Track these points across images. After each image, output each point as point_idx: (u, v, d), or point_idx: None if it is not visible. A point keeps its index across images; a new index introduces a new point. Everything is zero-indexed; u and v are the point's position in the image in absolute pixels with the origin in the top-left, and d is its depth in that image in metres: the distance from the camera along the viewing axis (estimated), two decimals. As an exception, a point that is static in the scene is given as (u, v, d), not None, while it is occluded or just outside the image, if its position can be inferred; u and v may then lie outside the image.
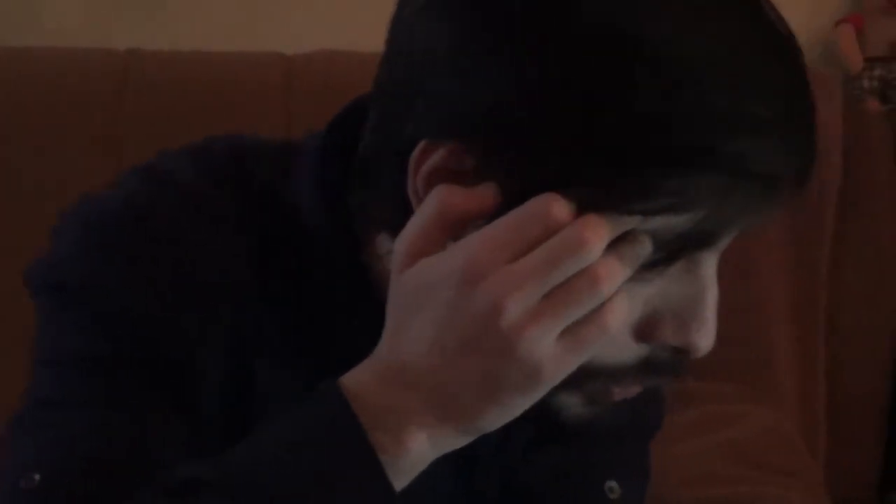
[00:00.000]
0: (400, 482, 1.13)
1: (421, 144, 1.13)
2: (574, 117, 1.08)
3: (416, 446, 1.13)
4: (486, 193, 1.11)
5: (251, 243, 1.26)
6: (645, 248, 1.10)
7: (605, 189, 1.08)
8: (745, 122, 1.08)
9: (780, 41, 1.12)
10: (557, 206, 1.07)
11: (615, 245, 1.10)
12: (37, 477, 1.17)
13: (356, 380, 1.14)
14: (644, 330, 1.16)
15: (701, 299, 1.15)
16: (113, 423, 1.21)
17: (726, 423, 2.06)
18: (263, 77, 2.27)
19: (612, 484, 1.39)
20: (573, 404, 1.19)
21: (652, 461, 1.47)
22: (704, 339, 1.15)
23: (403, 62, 1.19)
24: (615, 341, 1.15)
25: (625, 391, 1.21)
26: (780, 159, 1.09)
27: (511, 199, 1.11)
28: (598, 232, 1.06)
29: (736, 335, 2.11)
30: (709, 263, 1.15)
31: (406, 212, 1.16)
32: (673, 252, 1.11)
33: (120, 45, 2.39)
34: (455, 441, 1.13)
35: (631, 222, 1.09)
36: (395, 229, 1.17)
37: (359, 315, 1.25)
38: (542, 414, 1.18)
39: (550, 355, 1.08)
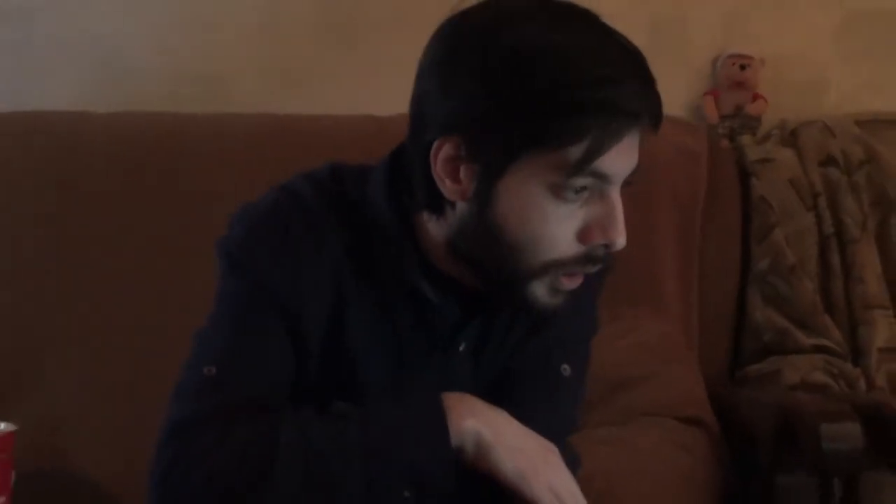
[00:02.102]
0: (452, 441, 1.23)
1: (436, 143, 1.23)
2: (505, 103, 1.19)
3: (467, 426, 1.23)
4: None
5: (343, 236, 1.31)
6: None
7: (535, 141, 1.19)
8: (610, 80, 1.18)
9: (624, 40, 1.22)
10: None
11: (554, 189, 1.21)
12: (214, 370, 1.25)
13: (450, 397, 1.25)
14: (582, 235, 1.23)
15: (613, 213, 1.23)
16: (247, 345, 1.28)
17: (635, 330, 2.09)
18: (358, 135, 2.16)
19: (566, 367, 1.39)
20: (542, 294, 1.26)
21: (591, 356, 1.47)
22: (620, 236, 1.24)
23: (417, 100, 1.27)
24: (565, 244, 1.24)
25: (573, 282, 1.27)
26: (636, 100, 1.20)
27: (490, 166, 1.22)
28: None
29: (643, 278, 2.16)
30: (614, 193, 1.23)
31: (435, 193, 1.26)
32: (579, 170, 1.19)
33: (283, 110, 2.33)
34: None
35: (555, 158, 1.19)
36: (430, 207, 1.28)
37: (411, 277, 1.31)
38: (523, 304, 1.27)
39: None
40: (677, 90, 2.60)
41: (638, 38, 1.26)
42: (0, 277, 2.18)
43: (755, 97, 2.65)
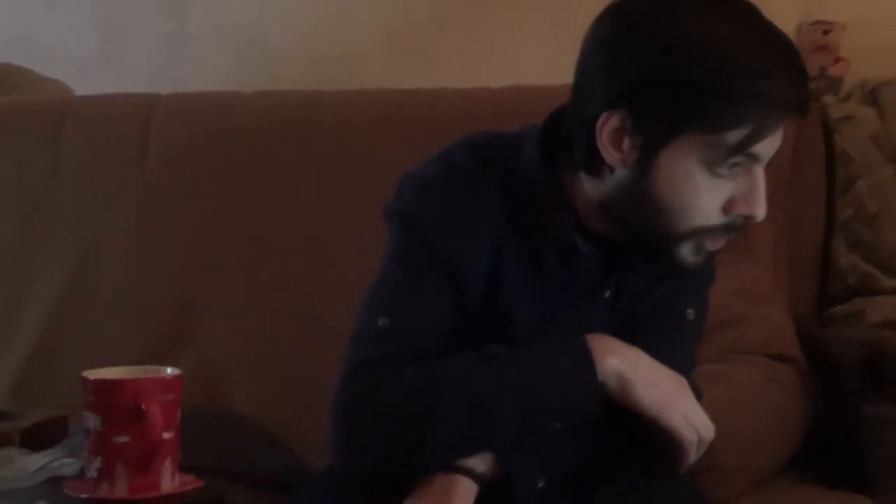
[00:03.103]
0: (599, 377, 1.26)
1: (603, 115, 1.24)
2: (675, 87, 1.21)
3: (610, 363, 1.26)
4: None
5: (500, 197, 1.33)
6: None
7: (700, 123, 1.21)
8: (770, 73, 1.18)
9: (781, 33, 1.22)
10: None
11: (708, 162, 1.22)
12: (387, 321, 1.30)
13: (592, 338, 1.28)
14: (727, 206, 1.25)
15: (756, 189, 1.25)
16: (417, 299, 1.32)
17: (731, 276, 1.94)
18: (476, 106, 2.16)
19: (690, 310, 1.41)
20: (687, 254, 1.28)
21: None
22: (761, 209, 1.26)
23: (584, 73, 1.28)
24: (711, 213, 1.25)
25: (715, 244, 1.29)
26: (793, 94, 1.20)
27: (653, 140, 1.24)
28: None
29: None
30: (759, 170, 1.25)
31: (596, 158, 1.28)
32: (735, 152, 1.21)
33: (409, 85, 2.31)
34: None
35: (714, 139, 1.21)
36: (589, 169, 1.30)
37: (566, 231, 1.32)
38: (670, 262, 1.30)
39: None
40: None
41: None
42: (159, 243, 2.19)
43: (837, 60, 2.57)
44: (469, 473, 1.27)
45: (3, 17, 2.81)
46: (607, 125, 1.25)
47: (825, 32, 2.57)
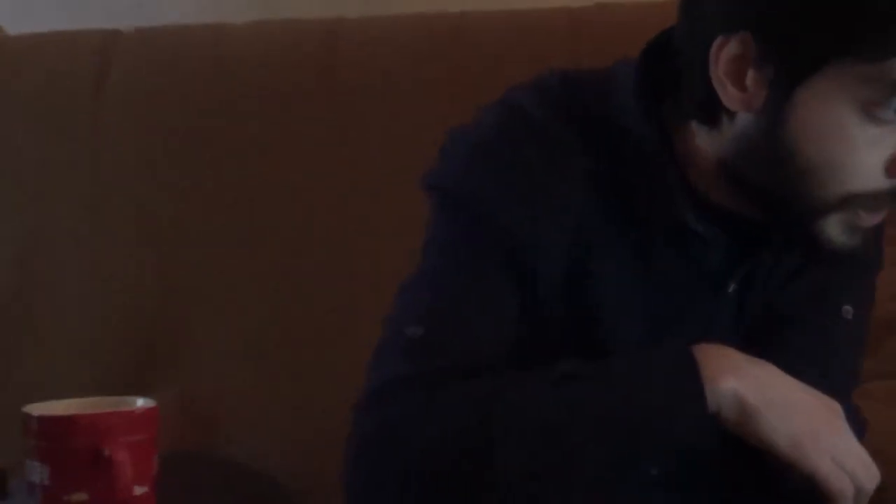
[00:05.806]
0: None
1: (718, 40, 1.22)
2: (816, 1, 1.18)
3: (727, 385, 1.21)
4: None
5: (587, 162, 1.30)
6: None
7: (854, 48, 1.18)
8: None
9: None
10: None
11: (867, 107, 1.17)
12: (420, 330, 1.26)
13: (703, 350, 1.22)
14: (892, 165, 1.22)
15: None
16: (463, 299, 1.29)
17: None
18: (549, 32, 2.16)
19: (848, 307, 1.37)
20: (836, 231, 1.25)
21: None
22: None
23: None
24: (871, 174, 1.22)
25: (874, 218, 1.25)
26: None
27: (787, 73, 1.21)
28: None
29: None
30: None
31: (711, 99, 1.24)
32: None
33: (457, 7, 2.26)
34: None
35: (874, 70, 1.18)
36: (703, 117, 1.28)
37: (677, 207, 1.29)
38: (811, 241, 1.26)
39: None
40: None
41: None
42: (124, 229, 2.22)
43: None
44: None
45: None
46: (724, 53, 1.21)
47: None
